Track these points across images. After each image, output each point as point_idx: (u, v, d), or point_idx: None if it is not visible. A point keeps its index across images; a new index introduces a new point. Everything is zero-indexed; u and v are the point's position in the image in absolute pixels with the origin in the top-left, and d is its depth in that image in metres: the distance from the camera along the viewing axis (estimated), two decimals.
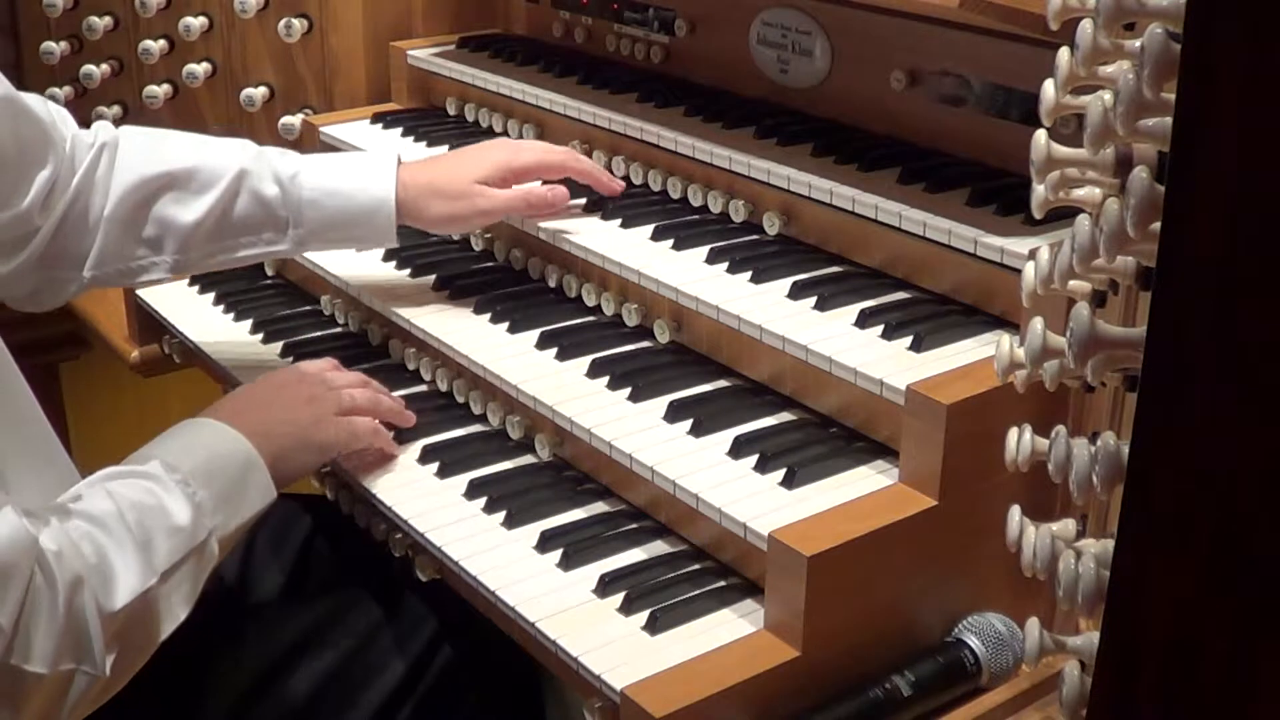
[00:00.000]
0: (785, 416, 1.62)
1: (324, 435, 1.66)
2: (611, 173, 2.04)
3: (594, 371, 1.71)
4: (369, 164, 1.86)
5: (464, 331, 1.83)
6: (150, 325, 2.23)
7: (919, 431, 1.43)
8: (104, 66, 2.64)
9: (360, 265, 2.04)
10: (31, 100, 1.70)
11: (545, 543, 1.55)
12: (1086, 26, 1.05)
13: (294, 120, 2.43)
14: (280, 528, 1.90)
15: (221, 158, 1.81)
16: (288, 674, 1.68)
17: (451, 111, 2.36)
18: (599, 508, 1.63)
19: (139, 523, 1.39)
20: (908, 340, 1.55)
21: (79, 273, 1.79)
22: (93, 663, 1.31)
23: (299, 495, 1.93)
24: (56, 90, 2.70)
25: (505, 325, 1.83)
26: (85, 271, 1.79)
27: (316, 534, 1.89)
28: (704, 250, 1.79)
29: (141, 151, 1.80)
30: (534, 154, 1.94)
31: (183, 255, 1.82)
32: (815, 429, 1.59)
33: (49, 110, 1.75)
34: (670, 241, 1.83)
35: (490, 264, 2.02)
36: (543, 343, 1.78)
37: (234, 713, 1.65)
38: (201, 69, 2.52)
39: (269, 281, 2.24)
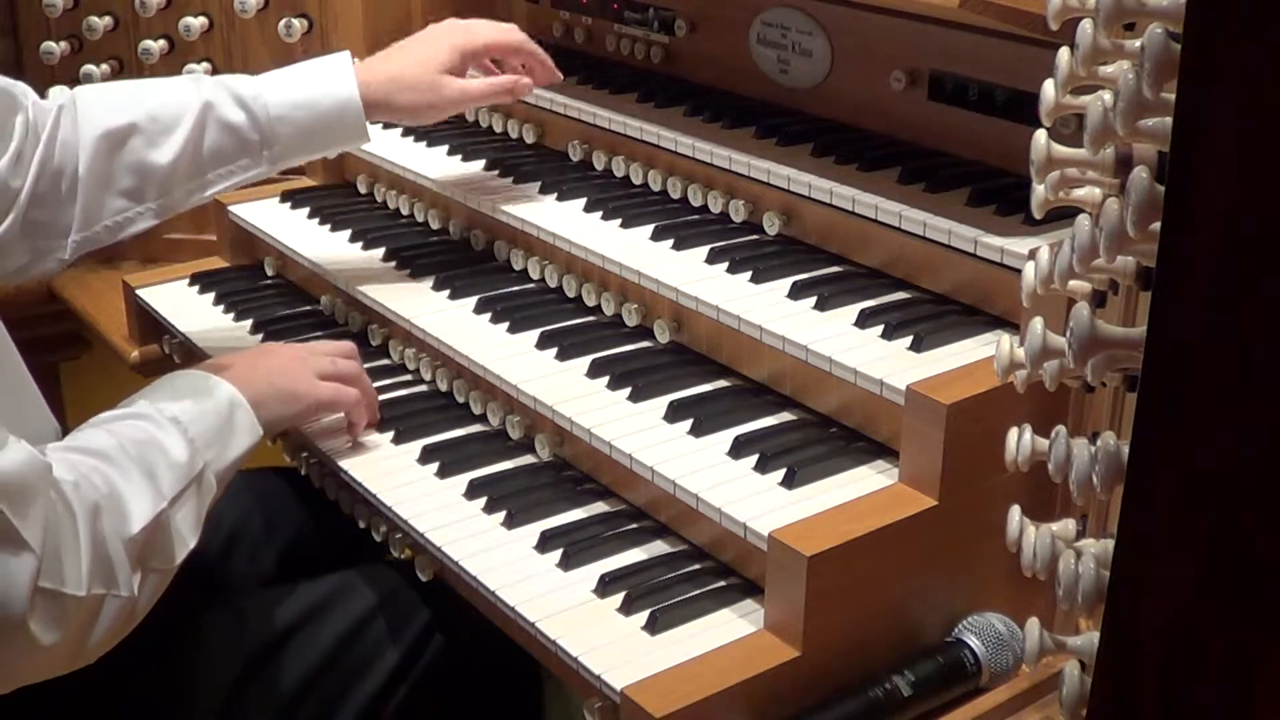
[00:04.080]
0: (785, 416, 1.62)
1: (299, 387, 1.69)
2: (611, 173, 2.04)
3: (594, 371, 1.71)
4: (326, 67, 1.87)
5: (464, 331, 1.83)
6: (150, 325, 2.22)
7: (919, 431, 1.43)
8: (104, 66, 2.64)
9: (360, 265, 2.05)
10: None
11: (545, 543, 1.55)
12: (1086, 26, 1.05)
13: None
14: (275, 515, 1.90)
15: (179, 95, 1.83)
16: (282, 658, 1.68)
17: None
18: (599, 508, 1.63)
19: (141, 456, 1.42)
20: (908, 340, 1.55)
21: (65, 239, 1.78)
22: (119, 586, 1.34)
23: (296, 496, 1.93)
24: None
25: (505, 325, 1.83)
26: (73, 235, 1.78)
27: (311, 521, 1.90)
28: (704, 250, 1.79)
29: (98, 106, 1.81)
30: (488, 34, 1.96)
31: (165, 199, 1.83)
32: (815, 429, 1.59)
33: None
34: (670, 241, 1.83)
35: (490, 264, 2.02)
36: (543, 343, 1.78)
37: (228, 697, 1.65)
38: (201, 69, 2.51)
39: (269, 281, 2.24)
